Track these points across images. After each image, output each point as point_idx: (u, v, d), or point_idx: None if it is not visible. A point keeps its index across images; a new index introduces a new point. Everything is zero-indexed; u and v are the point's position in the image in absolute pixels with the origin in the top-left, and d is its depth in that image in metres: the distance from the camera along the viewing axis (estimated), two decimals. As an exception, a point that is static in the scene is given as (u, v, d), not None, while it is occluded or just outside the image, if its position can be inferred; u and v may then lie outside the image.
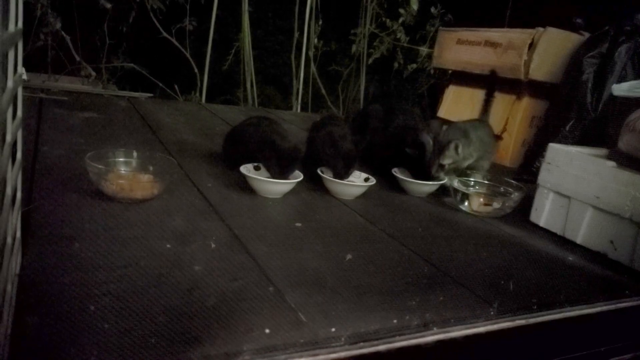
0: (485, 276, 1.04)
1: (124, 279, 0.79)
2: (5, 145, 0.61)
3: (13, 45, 0.66)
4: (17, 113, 0.75)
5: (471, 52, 2.39)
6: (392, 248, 1.11)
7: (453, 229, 1.32)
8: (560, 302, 0.96)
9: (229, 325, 0.72)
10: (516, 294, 0.97)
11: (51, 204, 1.05)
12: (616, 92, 1.53)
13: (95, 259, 0.84)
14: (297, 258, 0.98)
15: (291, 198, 1.33)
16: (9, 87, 0.63)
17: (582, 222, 1.27)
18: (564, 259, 1.21)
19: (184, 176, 1.38)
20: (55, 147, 1.44)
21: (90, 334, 0.65)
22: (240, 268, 0.90)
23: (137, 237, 0.96)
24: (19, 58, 0.71)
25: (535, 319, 0.90)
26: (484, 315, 0.87)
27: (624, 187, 1.18)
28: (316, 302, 0.82)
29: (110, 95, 2.51)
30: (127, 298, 0.74)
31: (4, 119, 0.59)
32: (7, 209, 0.62)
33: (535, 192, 1.41)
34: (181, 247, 0.94)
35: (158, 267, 0.85)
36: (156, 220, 1.06)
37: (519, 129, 2.20)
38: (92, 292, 0.74)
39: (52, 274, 0.78)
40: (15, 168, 0.73)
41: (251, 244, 1.00)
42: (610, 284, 1.11)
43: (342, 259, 1.00)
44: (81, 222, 0.98)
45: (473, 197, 1.45)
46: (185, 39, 3.14)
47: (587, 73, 1.87)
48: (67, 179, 1.19)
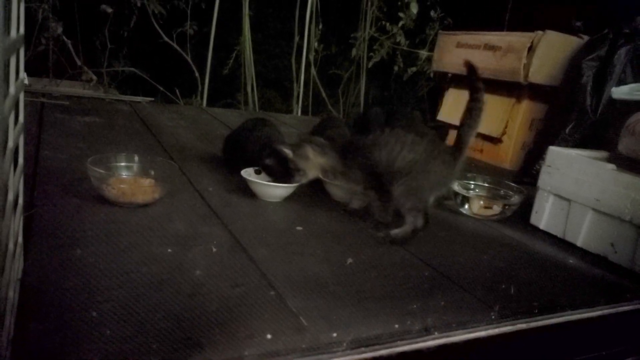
0: (486, 279, 1.04)
1: (125, 285, 0.79)
2: (7, 150, 0.62)
3: (15, 51, 0.67)
4: (19, 118, 0.75)
5: (471, 56, 2.38)
6: (393, 252, 1.11)
7: (454, 233, 1.32)
8: (561, 305, 0.96)
9: (230, 330, 0.72)
10: (517, 298, 0.97)
11: (53, 209, 1.05)
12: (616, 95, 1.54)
13: (97, 265, 0.84)
14: (298, 262, 0.98)
15: (292, 202, 1.33)
16: (10, 94, 0.64)
17: (583, 225, 1.27)
18: (564, 262, 1.21)
19: (185, 180, 1.38)
20: (56, 152, 1.44)
21: (92, 340, 0.65)
22: (242, 272, 0.90)
23: (139, 242, 0.96)
24: (20, 64, 0.71)
25: (537, 323, 0.90)
26: (485, 319, 0.87)
27: (624, 190, 1.18)
28: (317, 307, 0.82)
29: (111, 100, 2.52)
30: (129, 304, 0.74)
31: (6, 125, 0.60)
32: (9, 214, 0.62)
33: (536, 195, 1.41)
34: (182, 252, 0.94)
35: (159, 272, 0.85)
36: (157, 224, 1.06)
37: (519, 131, 2.20)
38: (94, 298, 0.74)
39: (54, 280, 0.78)
40: (17, 173, 0.73)
41: (252, 248, 1.00)
42: (611, 287, 1.11)
43: (343, 263, 1.00)
44: (82, 227, 0.98)
45: (473, 200, 1.45)
46: (186, 43, 3.15)
47: (587, 76, 1.87)
48: (69, 184, 1.20)
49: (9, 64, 0.65)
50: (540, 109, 2.20)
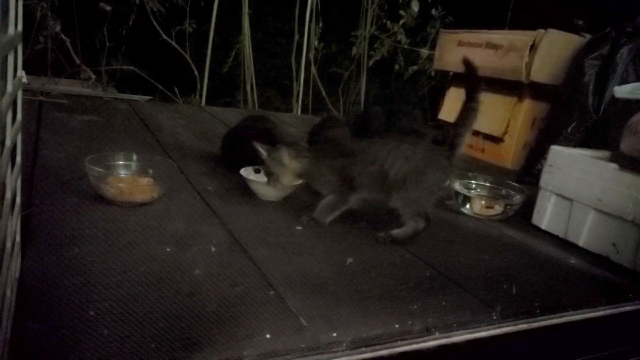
0: (488, 280, 1.03)
1: (123, 284, 0.79)
2: (5, 149, 0.61)
3: (12, 48, 0.66)
4: (17, 116, 0.74)
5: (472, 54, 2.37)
6: (394, 252, 1.11)
7: (455, 232, 1.32)
8: (563, 305, 0.95)
9: (229, 330, 0.71)
10: (518, 298, 0.96)
11: (51, 207, 1.04)
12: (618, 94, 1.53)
13: (95, 264, 0.84)
14: (297, 262, 0.97)
15: (291, 201, 1.32)
16: (8, 91, 0.63)
17: (584, 225, 1.27)
18: (566, 262, 1.21)
19: (184, 179, 1.38)
20: (54, 151, 1.43)
21: (90, 340, 0.64)
22: (241, 272, 0.89)
23: (137, 241, 0.95)
24: (18, 61, 0.71)
25: (538, 323, 0.89)
26: (486, 319, 0.86)
27: (626, 190, 1.17)
28: (317, 307, 0.81)
29: (109, 98, 2.51)
30: (127, 303, 0.74)
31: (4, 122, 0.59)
32: (6, 213, 0.61)
33: (537, 195, 1.40)
34: (181, 251, 0.94)
35: (158, 271, 0.85)
36: (156, 224, 1.05)
37: (521, 131, 2.19)
38: (91, 297, 0.74)
39: (52, 279, 0.78)
40: (14, 172, 0.73)
41: (251, 248, 1.00)
42: (612, 288, 1.11)
43: (343, 263, 1.00)
44: (81, 226, 0.97)
45: (475, 200, 1.44)
46: (185, 41, 3.14)
47: (589, 75, 1.87)
48: (67, 183, 1.19)
49: (7, 60, 0.64)
50: (542, 108, 2.19)
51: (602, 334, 1.01)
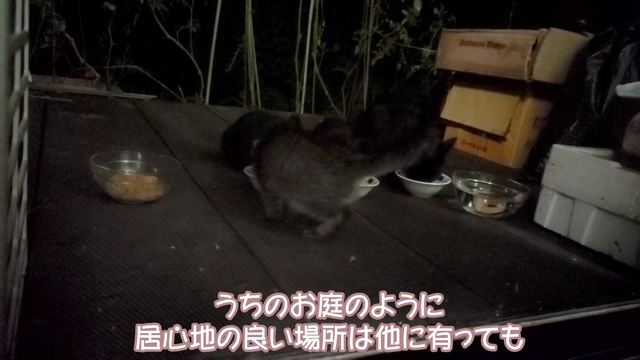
0: (490, 278, 1.04)
1: (130, 281, 0.80)
2: (12, 147, 0.62)
3: (19, 48, 0.67)
4: (23, 115, 0.75)
5: (474, 53, 2.39)
6: (397, 250, 1.11)
7: (457, 231, 1.32)
8: (565, 303, 0.96)
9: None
10: (521, 296, 0.97)
11: (56, 205, 1.05)
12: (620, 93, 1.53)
13: (101, 261, 0.85)
14: (301, 259, 0.98)
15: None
16: (15, 90, 0.64)
17: (587, 223, 1.27)
18: (568, 260, 1.21)
19: (188, 178, 1.38)
20: (60, 149, 1.44)
21: (97, 336, 0.65)
22: (245, 269, 0.90)
23: (142, 238, 0.96)
24: (25, 61, 0.71)
25: (541, 321, 0.90)
26: (488, 317, 0.87)
27: (628, 188, 1.17)
28: (321, 304, 0.82)
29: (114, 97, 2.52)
30: (133, 300, 0.74)
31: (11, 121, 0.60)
32: (13, 210, 0.62)
33: (539, 193, 1.41)
34: (186, 249, 0.94)
35: (163, 268, 0.86)
36: (161, 222, 1.06)
37: (523, 129, 2.19)
38: (98, 294, 0.75)
39: (58, 276, 0.79)
40: (21, 170, 0.74)
41: (256, 246, 1.01)
42: (615, 286, 1.11)
43: (347, 260, 1.00)
44: (86, 224, 0.98)
45: (477, 198, 1.45)
46: (189, 40, 3.15)
47: (591, 74, 1.87)
48: (72, 181, 1.20)
49: (14, 60, 0.65)
50: (544, 107, 2.19)
51: (604, 332, 1.01)
